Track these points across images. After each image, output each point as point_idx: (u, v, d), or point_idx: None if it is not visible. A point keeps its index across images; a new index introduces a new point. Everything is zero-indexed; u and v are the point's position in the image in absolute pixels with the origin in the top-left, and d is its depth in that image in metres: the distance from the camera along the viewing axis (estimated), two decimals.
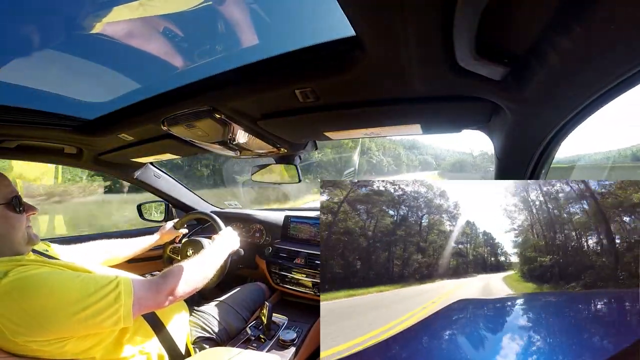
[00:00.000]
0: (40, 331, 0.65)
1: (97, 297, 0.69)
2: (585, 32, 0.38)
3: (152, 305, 0.80)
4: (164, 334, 0.93)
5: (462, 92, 0.64)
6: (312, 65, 0.64)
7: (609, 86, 0.47)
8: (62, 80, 0.88)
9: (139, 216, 1.83)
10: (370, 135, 0.96)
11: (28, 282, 0.66)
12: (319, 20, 0.65)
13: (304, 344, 1.21)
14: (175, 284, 0.83)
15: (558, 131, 0.63)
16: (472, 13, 0.40)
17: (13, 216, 0.76)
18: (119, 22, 0.68)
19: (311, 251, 1.47)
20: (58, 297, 0.66)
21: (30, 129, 1.03)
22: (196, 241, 1.37)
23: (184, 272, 0.88)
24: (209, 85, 0.78)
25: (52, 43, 0.72)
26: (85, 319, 0.67)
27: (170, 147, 1.24)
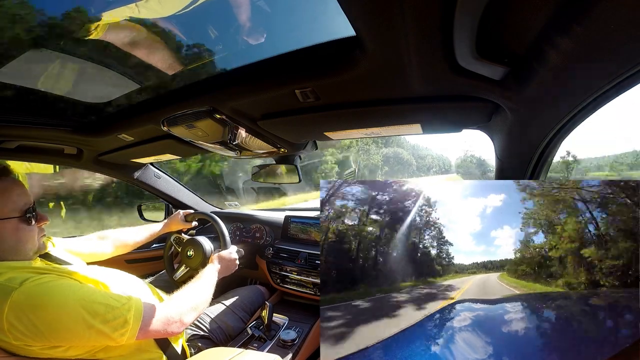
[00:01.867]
0: (45, 341, 0.66)
1: (106, 318, 0.69)
2: (585, 32, 0.38)
3: (156, 334, 0.78)
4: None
5: (462, 92, 0.64)
6: (312, 65, 0.63)
7: (609, 86, 0.47)
8: (62, 80, 0.88)
9: (139, 216, 1.83)
10: (370, 135, 0.96)
11: (40, 294, 0.66)
12: (319, 20, 0.65)
13: (305, 344, 1.21)
14: (182, 313, 0.84)
15: (558, 131, 0.63)
16: (472, 13, 0.40)
17: (25, 228, 0.75)
18: (119, 21, 0.68)
19: (311, 251, 1.47)
20: (66, 314, 0.66)
21: (30, 129, 1.03)
22: (197, 243, 1.35)
23: (191, 299, 0.89)
24: (209, 86, 0.78)
25: (52, 43, 0.72)
26: (90, 336, 0.68)
27: (170, 148, 1.24)
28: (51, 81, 0.87)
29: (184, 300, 0.88)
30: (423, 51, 0.50)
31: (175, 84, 0.88)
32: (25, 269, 0.72)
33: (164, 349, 0.91)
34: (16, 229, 0.74)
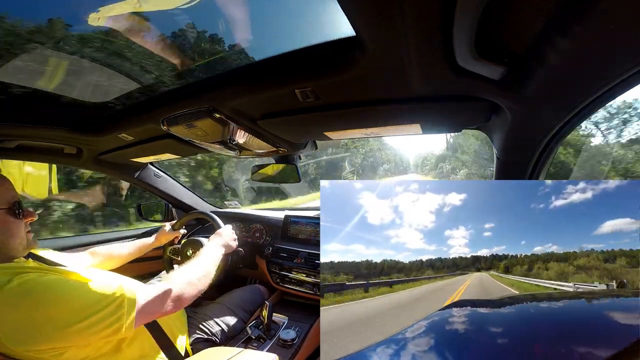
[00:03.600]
0: (39, 340, 0.64)
1: (100, 305, 0.68)
2: (585, 32, 0.38)
3: (157, 313, 0.78)
4: (162, 337, 0.93)
5: (462, 92, 0.64)
6: (312, 65, 0.63)
7: (609, 86, 0.47)
8: (62, 80, 0.88)
9: (139, 216, 1.83)
10: (370, 135, 0.96)
11: (29, 290, 0.65)
12: (319, 20, 0.65)
13: (304, 344, 1.21)
14: (180, 289, 0.83)
15: (558, 131, 0.63)
16: (472, 13, 0.40)
17: (13, 221, 0.75)
18: (120, 21, 0.68)
19: (311, 251, 1.47)
20: (59, 306, 0.65)
21: (30, 129, 1.03)
22: (196, 241, 1.37)
23: (188, 275, 0.88)
24: (208, 85, 0.78)
25: (52, 43, 0.72)
26: (86, 328, 0.66)
27: (170, 147, 1.24)
28: (51, 80, 0.87)
29: (179, 277, 0.86)
30: (423, 51, 0.50)
31: (175, 84, 0.88)
32: (18, 268, 0.72)
33: (166, 353, 0.91)
34: (4, 221, 0.74)
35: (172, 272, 0.89)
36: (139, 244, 1.35)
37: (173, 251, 1.48)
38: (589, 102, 0.52)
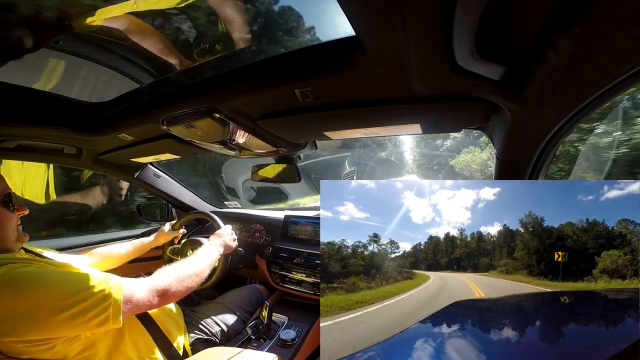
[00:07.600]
0: (24, 331, 0.63)
1: (85, 294, 0.67)
2: (585, 32, 0.38)
3: (143, 305, 0.77)
4: (161, 337, 0.93)
5: (461, 92, 0.64)
6: (312, 65, 0.63)
7: (609, 86, 0.47)
8: (62, 80, 0.88)
9: (138, 216, 1.83)
10: (370, 135, 0.96)
11: (14, 280, 0.65)
12: (319, 20, 0.65)
13: (304, 344, 1.21)
14: (167, 283, 0.82)
15: (558, 131, 0.63)
16: (472, 13, 0.40)
17: (5, 213, 0.76)
18: (120, 21, 0.68)
19: (311, 251, 1.47)
20: (44, 294, 0.65)
21: (30, 129, 1.03)
22: (196, 241, 1.37)
23: (177, 271, 0.88)
24: (208, 85, 0.78)
25: (51, 43, 0.72)
26: (72, 317, 0.65)
27: (169, 147, 1.24)
28: (51, 80, 0.87)
29: (169, 272, 0.86)
30: (423, 51, 0.50)
31: (175, 84, 0.88)
32: (8, 259, 0.72)
33: (165, 353, 0.91)
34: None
35: (164, 267, 0.89)
36: (137, 243, 1.35)
37: (173, 251, 1.48)
38: (588, 102, 0.52)
